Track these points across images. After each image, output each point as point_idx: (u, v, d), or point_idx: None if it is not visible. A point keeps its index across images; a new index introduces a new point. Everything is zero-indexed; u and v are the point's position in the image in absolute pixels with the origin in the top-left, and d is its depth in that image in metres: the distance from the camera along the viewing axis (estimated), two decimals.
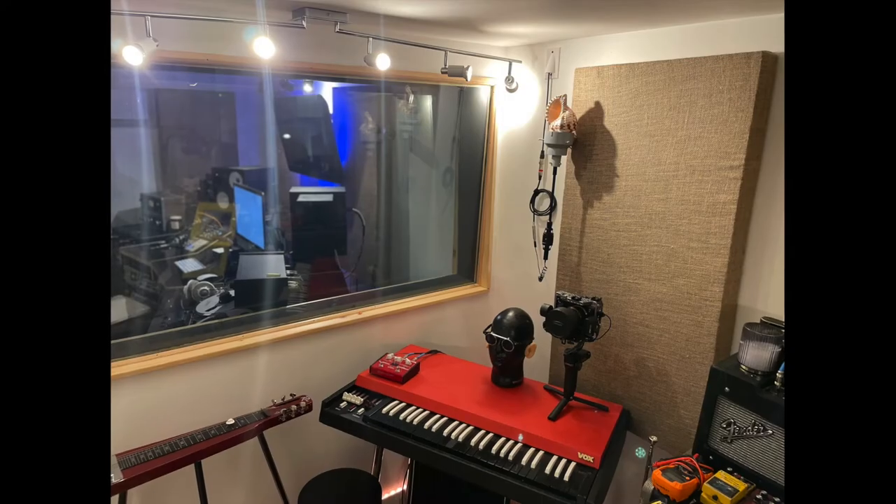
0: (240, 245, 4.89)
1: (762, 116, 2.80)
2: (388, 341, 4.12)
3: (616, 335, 3.51)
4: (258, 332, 3.60)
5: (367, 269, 5.27)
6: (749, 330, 2.63)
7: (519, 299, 4.27)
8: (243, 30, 2.94)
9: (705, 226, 2.99)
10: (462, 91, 4.46)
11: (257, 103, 5.22)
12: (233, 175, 5.00)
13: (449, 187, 4.82)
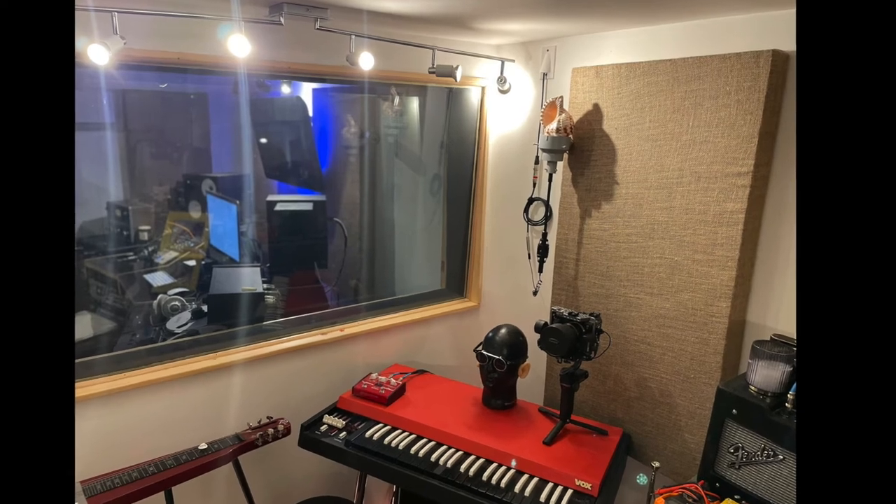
0: (213, 257, 4.92)
1: (772, 119, 2.80)
2: (372, 360, 4.10)
3: (616, 354, 3.50)
4: (233, 351, 3.58)
5: (350, 282, 5.27)
6: (758, 348, 2.63)
7: (512, 315, 4.25)
8: (217, 27, 2.94)
9: (711, 236, 3.00)
10: (451, 92, 4.46)
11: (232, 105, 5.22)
12: (205, 182, 4.99)
13: (437, 195, 4.82)
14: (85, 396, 3.07)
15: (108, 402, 3.16)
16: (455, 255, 4.66)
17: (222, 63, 3.06)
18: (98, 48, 2.53)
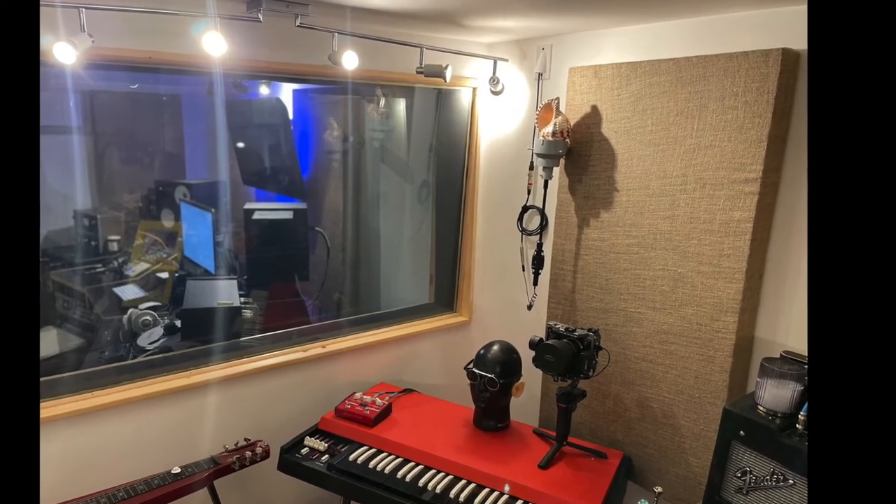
0: (187, 269, 4.91)
1: (782, 122, 2.81)
2: (356, 379, 4.09)
3: (616, 372, 3.50)
4: (208, 369, 3.57)
5: (332, 296, 5.26)
6: (767, 366, 2.63)
7: (505, 331, 4.25)
8: (191, 24, 2.93)
9: (717, 247, 3.00)
10: (440, 94, 4.46)
11: (207, 108, 5.21)
12: (179, 189, 4.98)
13: (425, 203, 4.82)
14: (50, 417, 3.04)
15: (75, 424, 3.12)
16: (444, 267, 4.65)
17: (197, 62, 3.06)
18: (64, 46, 2.51)
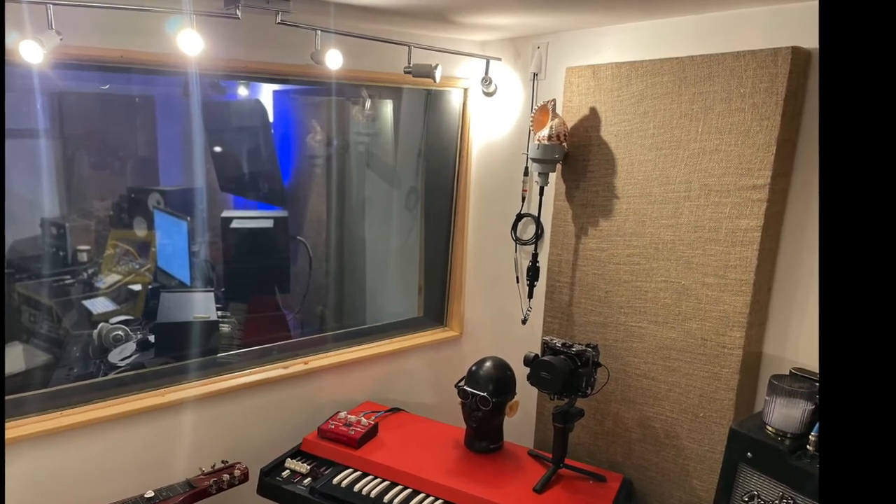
0: (161, 281, 4.92)
1: (792, 125, 2.81)
2: (341, 397, 4.08)
3: (615, 390, 3.48)
4: (183, 386, 3.57)
5: (315, 309, 5.26)
6: (776, 383, 2.62)
7: (498, 346, 4.22)
8: (165, 21, 2.92)
9: (723, 257, 2.99)
10: (429, 95, 4.46)
11: (182, 110, 5.20)
12: (152, 196, 4.98)
13: (413, 211, 4.82)
14: (16, 438, 3.04)
15: (42, 445, 3.11)
16: (434, 279, 4.64)
17: (171, 62, 3.06)
18: (31, 45, 2.50)
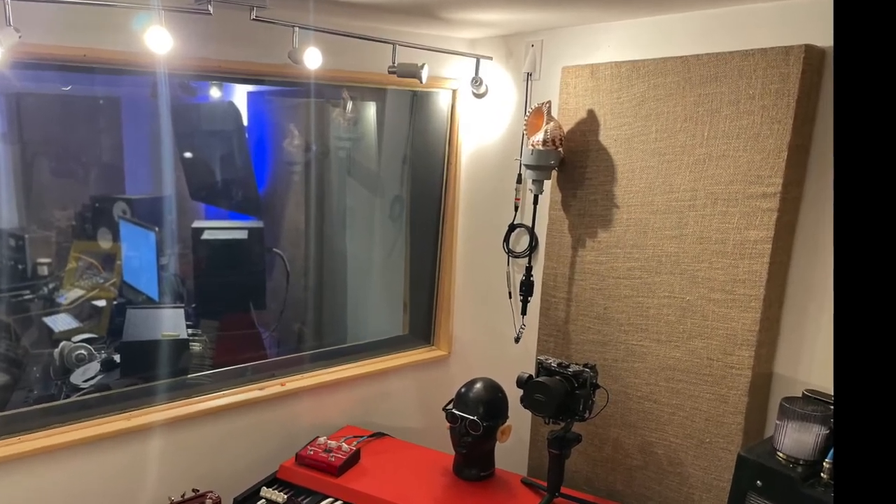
0: (127, 296, 4.93)
1: (805, 129, 2.81)
2: (320, 421, 4.08)
3: (615, 413, 3.48)
4: (151, 409, 3.56)
5: (293, 327, 5.26)
6: (788, 406, 2.62)
7: (489, 367, 4.20)
8: (132, 17, 2.90)
9: (731, 271, 2.98)
10: (415, 96, 4.47)
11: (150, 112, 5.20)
12: (118, 205, 4.99)
13: (398, 221, 4.83)
14: None
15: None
16: (420, 294, 4.65)
17: (138, 61, 3.06)
18: None
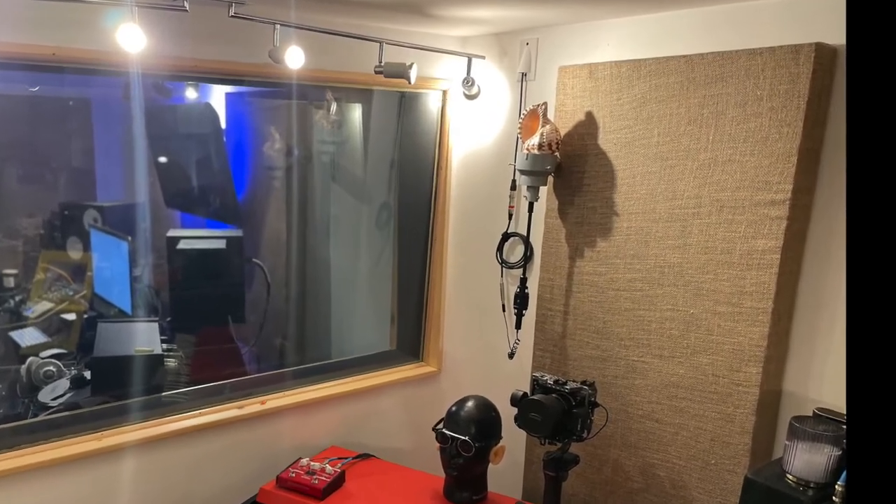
0: (98, 309, 4.94)
1: (816, 132, 2.80)
2: (302, 442, 4.08)
3: (615, 433, 3.47)
4: (123, 429, 3.56)
5: (274, 342, 5.25)
6: (797, 426, 2.62)
7: (481, 384, 4.21)
8: (103, 13, 2.91)
9: (737, 283, 2.98)
10: (403, 98, 4.47)
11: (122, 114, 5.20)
12: (88, 213, 4.98)
13: (385, 230, 4.82)
14: None
15: None
16: (408, 307, 4.66)
17: (110, 60, 3.08)
18: None
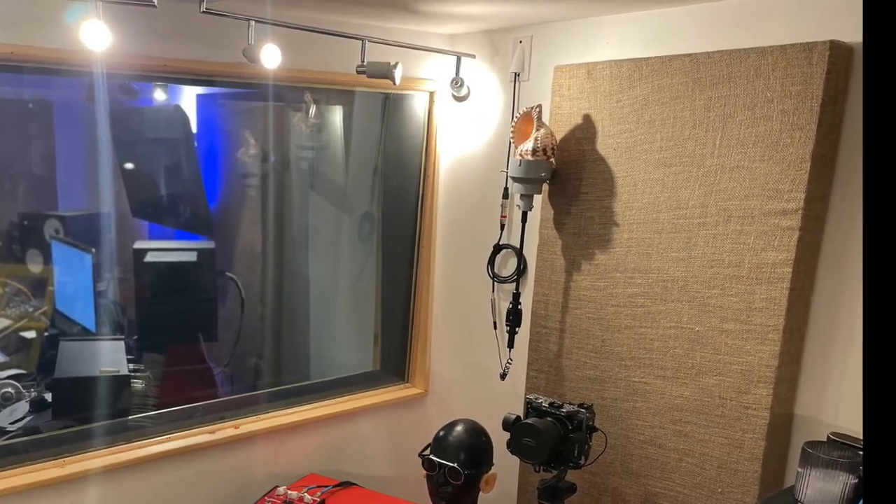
0: (60, 327, 4.92)
1: (830, 137, 2.80)
2: (279, 469, 4.09)
3: (615, 459, 3.47)
4: (87, 455, 3.56)
5: (248, 362, 5.23)
6: (811, 451, 2.63)
7: (471, 407, 4.21)
8: (65, 9, 2.90)
9: (746, 298, 2.98)
10: (388, 100, 4.48)
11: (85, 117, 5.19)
12: (49, 224, 4.98)
13: (368, 242, 4.83)
14: None
15: None
16: (393, 325, 4.68)
17: (72, 59, 3.09)
18: None
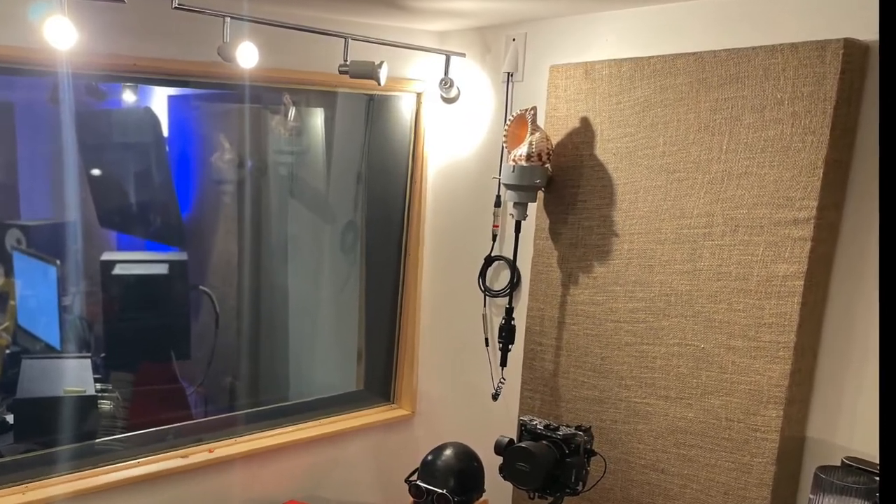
0: (22, 344, 5.08)
1: (844, 141, 2.81)
2: (256, 495, 4.13)
3: (615, 485, 3.48)
4: (51, 481, 3.60)
5: (223, 381, 5.22)
6: (823, 477, 2.64)
7: (461, 429, 4.21)
8: (28, 5, 2.90)
9: (755, 313, 2.98)
10: (372, 101, 4.51)
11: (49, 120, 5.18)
12: (11, 233, 4.99)
13: (351, 253, 4.82)
14: None
15: None
16: (378, 342, 4.71)
17: (35, 58, 3.12)
18: None
